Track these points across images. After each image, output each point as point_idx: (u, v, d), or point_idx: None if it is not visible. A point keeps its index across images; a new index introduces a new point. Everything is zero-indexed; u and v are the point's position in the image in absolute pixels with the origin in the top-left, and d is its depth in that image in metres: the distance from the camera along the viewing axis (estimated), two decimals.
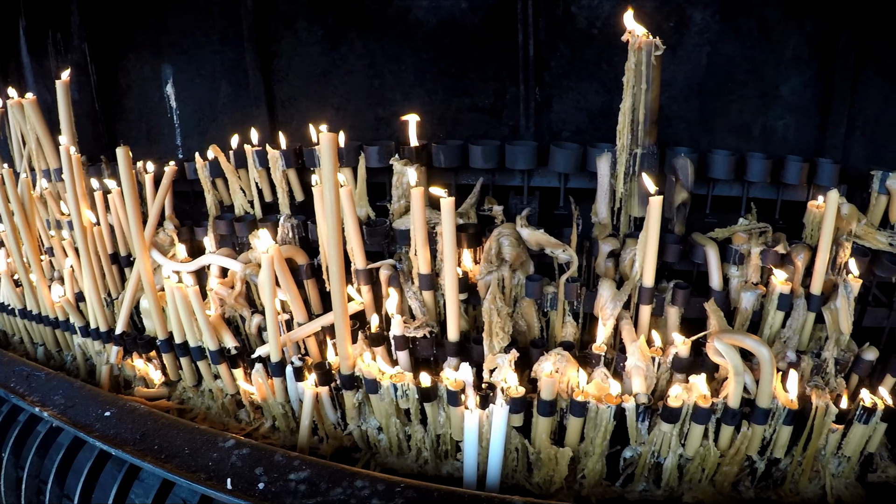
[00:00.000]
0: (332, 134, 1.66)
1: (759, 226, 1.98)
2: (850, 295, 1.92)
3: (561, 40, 2.27)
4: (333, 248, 1.77)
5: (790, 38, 2.27)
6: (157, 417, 2.05)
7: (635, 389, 1.86)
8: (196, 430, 1.98)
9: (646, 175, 1.89)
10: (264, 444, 1.91)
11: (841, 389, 1.95)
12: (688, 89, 2.23)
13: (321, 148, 1.66)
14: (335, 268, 1.80)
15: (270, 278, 1.94)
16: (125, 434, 1.98)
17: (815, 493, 2.00)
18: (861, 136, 2.40)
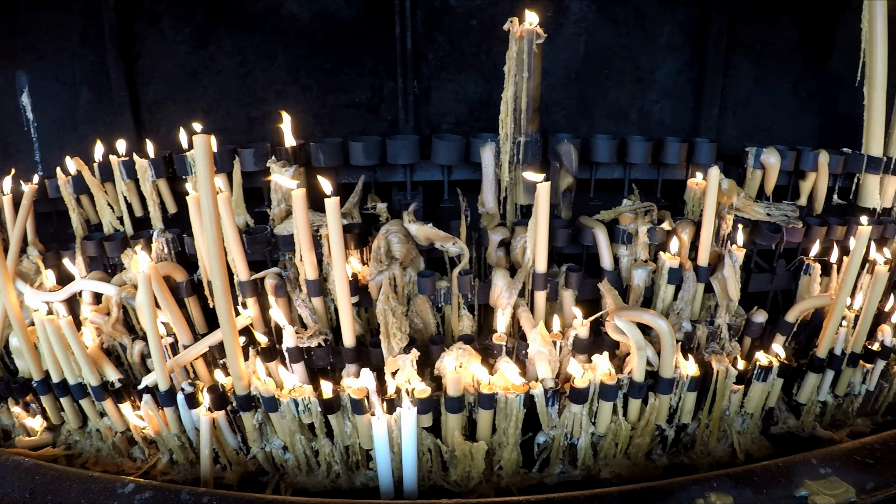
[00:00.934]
0: (206, 135, 1.53)
1: (644, 205, 2.05)
2: (735, 264, 2.04)
3: (439, 32, 2.27)
4: (215, 260, 1.65)
5: (664, 25, 2.37)
6: (45, 470, 1.86)
7: (541, 375, 1.89)
8: (91, 480, 1.82)
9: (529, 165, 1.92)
10: (166, 484, 1.80)
11: (737, 352, 2.08)
12: (566, 77, 2.29)
13: (195, 151, 1.53)
14: (219, 282, 1.68)
15: (149, 300, 1.79)
16: (13, 494, 1.78)
17: (725, 451, 2.12)
18: (733, 116, 2.55)
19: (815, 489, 1.72)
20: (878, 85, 2.32)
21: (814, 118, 2.71)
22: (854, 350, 2.12)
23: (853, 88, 2.35)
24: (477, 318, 2.08)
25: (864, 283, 2.23)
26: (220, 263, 1.66)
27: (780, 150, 2.22)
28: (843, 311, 2.02)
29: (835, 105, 2.70)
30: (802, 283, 2.22)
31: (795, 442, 2.17)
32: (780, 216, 2.13)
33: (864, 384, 2.24)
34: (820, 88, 2.66)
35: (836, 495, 1.72)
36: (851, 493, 1.73)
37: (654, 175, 2.23)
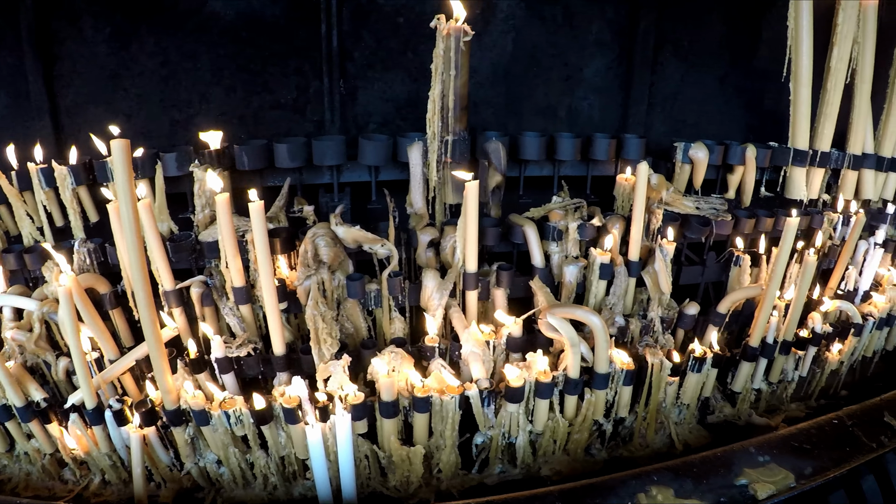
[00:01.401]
0: (124, 140, 1.47)
1: (574, 202, 2.06)
2: (666, 258, 2.06)
3: (365, 30, 2.24)
4: (137, 270, 1.58)
5: (592, 23, 2.39)
6: None
7: (475, 376, 1.87)
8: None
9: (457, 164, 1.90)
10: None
11: (671, 345, 2.10)
12: (494, 75, 2.29)
13: (113, 157, 1.47)
14: (141, 292, 1.61)
15: (71, 314, 1.71)
16: None
17: (663, 442, 2.14)
18: (661, 111, 2.59)
19: (755, 477, 1.75)
20: (803, 80, 2.38)
21: (741, 113, 2.76)
22: (786, 338, 2.16)
23: (779, 84, 2.39)
24: (409, 320, 2.05)
25: (793, 272, 2.28)
26: (141, 273, 1.60)
27: (707, 145, 2.26)
28: (774, 300, 2.05)
29: (761, 100, 2.75)
30: (733, 275, 2.26)
31: (732, 430, 2.21)
32: (709, 209, 2.17)
33: (796, 370, 2.29)
34: (747, 84, 2.71)
35: (775, 482, 1.75)
36: (790, 479, 1.77)
37: (584, 171, 2.24)
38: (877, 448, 1.97)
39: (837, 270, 2.44)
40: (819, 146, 2.50)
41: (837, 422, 2.02)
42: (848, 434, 1.99)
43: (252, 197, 1.69)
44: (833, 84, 2.47)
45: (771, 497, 1.70)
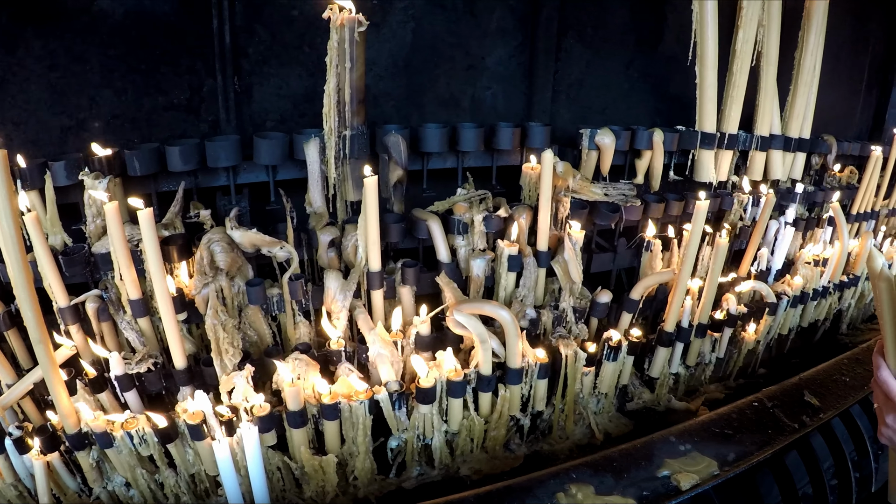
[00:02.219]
0: (1, 150, 1.37)
1: (478, 193, 2.01)
2: (575, 246, 2.03)
3: (259, 24, 2.14)
4: (22, 287, 1.49)
5: (494, 10, 2.34)
6: None
7: (384, 378, 1.81)
8: None
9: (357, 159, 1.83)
10: None
11: (585, 334, 2.08)
12: (394, 66, 2.22)
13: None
14: (29, 312, 1.51)
15: None
16: None
17: (583, 433, 2.11)
18: (566, 99, 2.56)
19: (677, 467, 1.72)
20: (709, 64, 2.38)
21: (648, 98, 2.76)
22: (701, 321, 2.16)
23: (686, 68, 2.39)
24: (315, 324, 1.97)
25: (706, 255, 2.27)
26: (27, 291, 1.50)
27: (614, 131, 2.25)
28: (687, 284, 2.03)
29: (668, 84, 2.76)
30: (645, 260, 2.25)
31: (652, 415, 2.20)
32: (618, 195, 2.14)
33: (713, 352, 2.31)
34: (653, 69, 2.72)
35: (698, 471, 1.72)
36: (714, 467, 1.75)
37: (489, 162, 2.19)
38: (799, 428, 1.97)
39: (749, 251, 2.46)
40: (726, 129, 2.52)
41: (758, 404, 2.02)
42: (769, 416, 1.99)
43: (139, 204, 1.60)
44: (739, 67, 2.48)
45: (695, 487, 1.67)
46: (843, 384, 2.19)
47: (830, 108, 3.60)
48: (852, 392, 2.15)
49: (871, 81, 3.89)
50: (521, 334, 1.85)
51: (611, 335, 1.97)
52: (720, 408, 2.02)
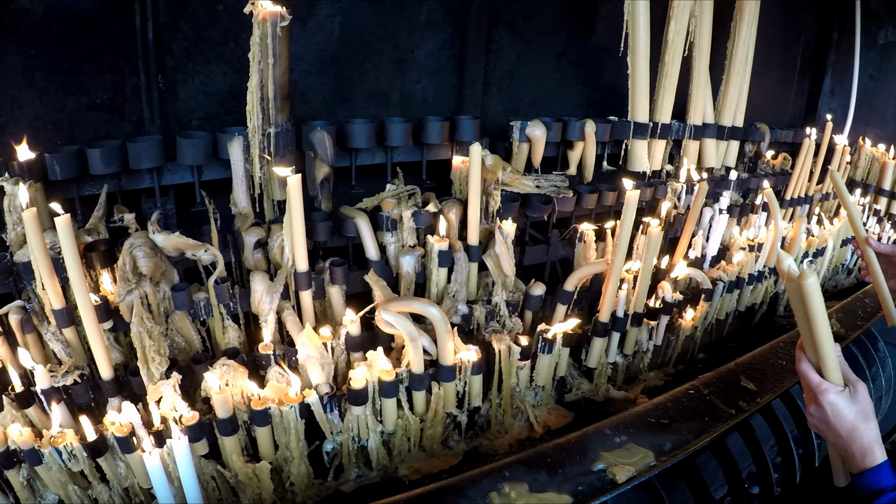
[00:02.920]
0: None
1: (407, 189, 1.99)
2: (506, 239, 2.01)
3: (183, 20, 2.08)
4: None
5: (423, 3, 2.31)
6: None
7: (314, 381, 1.78)
8: None
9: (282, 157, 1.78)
10: None
11: (519, 328, 2.06)
12: (321, 61, 2.17)
13: None
14: None
15: None
16: None
17: (522, 426, 2.10)
18: (498, 91, 2.55)
19: (612, 460, 1.70)
20: (640, 54, 2.39)
21: (581, 89, 2.76)
22: (636, 310, 2.17)
23: (618, 59, 2.40)
24: (245, 327, 1.92)
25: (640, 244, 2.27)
26: None
27: (545, 122, 2.24)
28: (620, 273, 2.03)
29: (601, 75, 2.77)
30: (578, 251, 2.25)
31: (591, 406, 2.20)
32: (550, 187, 2.13)
33: (651, 340, 2.31)
34: (586, 60, 2.72)
35: (634, 462, 1.70)
36: (650, 458, 1.74)
37: (419, 157, 2.17)
38: (736, 414, 1.98)
39: (684, 238, 2.47)
40: (659, 118, 2.53)
41: (694, 392, 2.02)
42: (706, 403, 1.99)
43: (59, 209, 1.54)
44: (671, 57, 2.50)
45: (631, 479, 1.65)
46: (780, 367, 2.22)
47: (764, 97, 3.66)
48: (789, 375, 2.18)
49: (803, 70, 3.97)
50: (453, 331, 1.83)
51: (545, 328, 1.95)
52: (658, 395, 2.02)
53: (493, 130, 2.37)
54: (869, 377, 3.00)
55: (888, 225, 3.83)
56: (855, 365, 2.96)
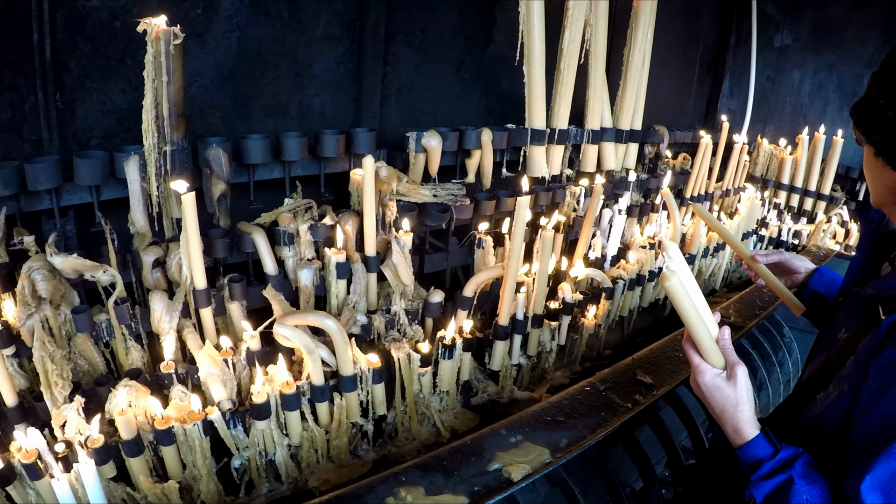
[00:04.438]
0: None
1: (302, 203, 2.04)
2: (403, 249, 2.09)
3: (81, 37, 2.07)
4: None
5: (320, 17, 2.36)
6: None
7: (216, 397, 1.81)
8: None
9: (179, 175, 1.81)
10: None
11: (420, 335, 2.13)
12: (219, 77, 2.20)
13: None
14: None
15: None
16: None
17: (430, 432, 2.16)
18: (396, 103, 2.63)
19: (508, 459, 1.75)
20: (536, 63, 2.49)
21: (479, 98, 2.87)
22: (536, 312, 2.26)
23: (515, 67, 2.49)
24: (148, 347, 1.94)
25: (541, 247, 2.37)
26: None
27: (441, 132, 2.33)
28: (516, 277, 2.11)
29: (499, 84, 2.88)
30: (478, 257, 2.35)
31: (497, 408, 2.28)
32: (447, 196, 2.22)
33: (554, 340, 2.40)
34: (483, 69, 2.82)
35: (529, 461, 1.75)
36: (546, 455, 1.79)
37: (318, 170, 2.22)
38: (632, 407, 2.06)
39: (582, 240, 2.60)
40: (556, 124, 2.65)
41: (590, 388, 2.10)
42: (602, 398, 2.07)
43: None
44: (566, 65, 2.62)
45: (527, 476, 1.71)
46: (677, 359, 2.34)
47: (665, 100, 3.86)
48: (686, 367, 2.28)
49: (703, 73, 4.19)
50: (350, 341, 1.89)
51: (443, 334, 2.03)
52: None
53: (391, 142, 2.44)
54: (776, 362, 3.20)
55: (788, 216, 4.07)
56: (761, 351, 3.15)
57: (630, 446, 2.28)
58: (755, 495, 1.28)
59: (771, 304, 3.03)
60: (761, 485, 1.27)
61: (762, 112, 4.48)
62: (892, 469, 1.08)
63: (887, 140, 1.16)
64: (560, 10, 2.57)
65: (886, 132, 1.15)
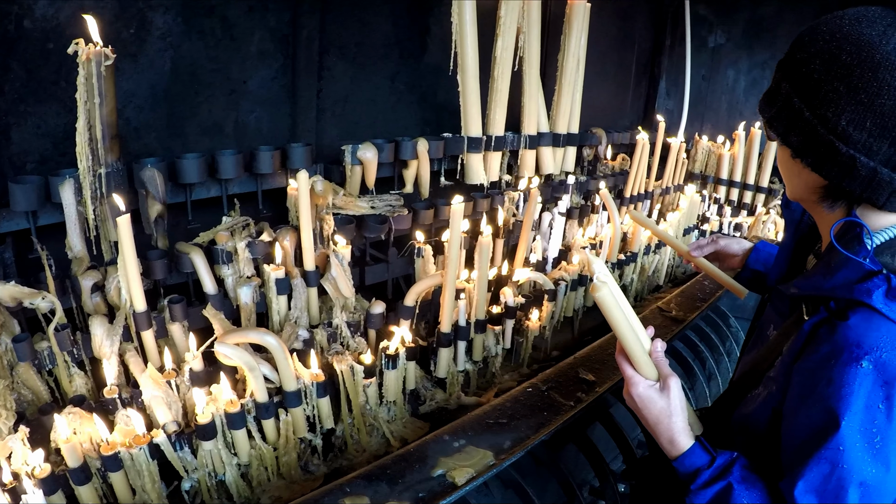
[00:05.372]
0: None
1: (238, 220, 2.07)
2: (342, 262, 2.13)
3: (15, 60, 2.07)
4: None
5: (254, 33, 2.40)
6: None
7: (161, 420, 1.82)
8: None
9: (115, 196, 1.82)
10: None
11: (363, 347, 2.17)
12: (154, 97, 2.22)
13: None
14: None
15: None
16: None
17: (380, 443, 2.20)
18: (332, 116, 2.68)
19: (452, 464, 1.81)
20: (470, 71, 2.56)
21: (415, 109, 2.93)
22: (478, 317, 2.32)
23: (450, 77, 2.56)
24: (92, 373, 1.95)
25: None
26: None
27: (377, 144, 2.38)
28: (458, 283, 2.18)
29: (435, 94, 2.95)
30: (418, 266, 2.40)
31: (445, 414, 2.33)
32: (385, 207, 2.28)
33: (499, 345, 2.46)
34: (419, 79, 2.89)
35: (473, 464, 1.81)
36: (489, 457, 1.85)
37: (255, 187, 2.25)
38: (575, 405, 2.13)
39: (521, 243, 2.68)
40: (493, 131, 2.73)
41: (532, 389, 2.18)
42: (544, 398, 2.15)
43: None
44: (500, 72, 2.69)
45: (471, 480, 1.76)
46: None
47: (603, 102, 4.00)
48: None
49: (639, 75, 4.34)
50: (292, 356, 1.93)
51: (386, 345, 2.09)
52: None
53: (329, 155, 2.49)
54: (724, 352, 3.33)
55: (728, 210, 4.23)
56: (708, 342, 3.27)
57: (583, 444, 2.35)
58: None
59: (712, 295, 3.16)
60: (701, 493, 1.28)
61: (699, 110, 4.65)
62: (822, 473, 1.13)
63: (806, 143, 1.18)
64: (494, 18, 2.65)
65: (804, 134, 1.17)
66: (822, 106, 1.13)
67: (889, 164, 1.13)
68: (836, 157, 1.14)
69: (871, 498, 1.13)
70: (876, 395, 1.12)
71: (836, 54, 1.12)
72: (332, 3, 2.52)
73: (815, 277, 1.27)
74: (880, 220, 1.23)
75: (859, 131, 1.11)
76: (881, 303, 1.14)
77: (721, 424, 1.51)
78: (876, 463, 1.12)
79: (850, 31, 1.12)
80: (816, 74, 1.14)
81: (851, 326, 1.16)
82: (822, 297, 1.24)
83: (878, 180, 1.14)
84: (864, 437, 1.12)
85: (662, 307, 2.90)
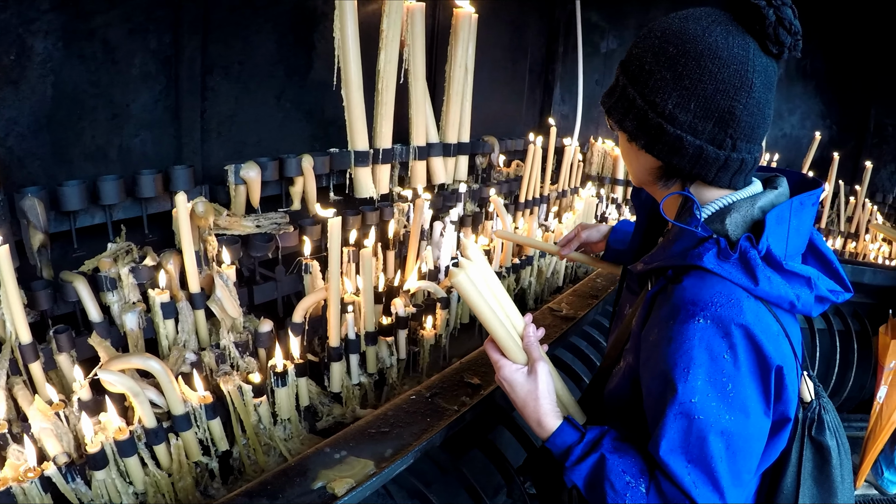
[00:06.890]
0: None
1: (121, 246, 2.12)
2: (227, 283, 2.22)
3: None
4: None
5: (135, 56, 2.42)
6: None
7: (51, 452, 1.86)
8: None
9: None
10: None
11: (254, 367, 2.25)
12: (36, 124, 2.22)
13: None
14: None
15: None
16: None
17: (278, 461, 2.26)
18: (218, 136, 2.74)
19: (332, 476, 1.86)
20: (353, 86, 2.67)
21: (303, 125, 3.03)
22: (368, 329, 2.44)
23: (335, 92, 2.66)
24: None
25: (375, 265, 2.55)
26: None
27: (261, 162, 2.46)
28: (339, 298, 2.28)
29: (322, 110, 3.04)
30: (307, 282, 2.50)
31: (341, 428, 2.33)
32: (271, 225, 2.37)
33: (393, 356, 2.58)
34: (305, 97, 2.98)
35: (353, 474, 1.87)
36: (370, 466, 1.92)
37: (140, 212, 2.29)
38: (458, 409, 2.23)
39: (411, 253, 2.81)
40: (380, 144, 2.85)
41: (416, 396, 2.27)
42: (428, 405, 2.23)
43: None
44: (385, 85, 2.81)
45: (350, 490, 1.82)
46: None
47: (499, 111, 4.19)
48: None
49: (533, 83, 4.56)
50: (178, 380, 2.01)
51: (274, 363, 2.18)
52: None
53: (216, 176, 2.53)
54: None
55: (626, 209, 4.49)
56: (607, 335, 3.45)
57: (486, 449, 2.46)
58: (574, 481, 1.38)
59: (605, 291, 3.35)
60: (577, 469, 1.38)
61: (594, 114, 4.89)
62: (681, 428, 1.26)
63: (639, 127, 1.36)
64: (378, 32, 2.77)
65: (637, 119, 1.36)
66: (652, 93, 1.33)
67: (714, 143, 1.32)
68: (664, 137, 1.34)
69: (738, 445, 1.25)
70: (720, 346, 1.25)
71: (664, 48, 1.32)
72: (214, 23, 2.59)
73: (657, 252, 1.43)
74: (712, 194, 1.41)
75: (684, 113, 1.30)
76: (713, 263, 1.29)
77: (596, 404, 1.65)
78: (733, 410, 1.25)
79: (678, 27, 1.32)
80: (647, 66, 1.34)
81: (686, 287, 1.31)
82: (663, 269, 1.41)
83: (705, 157, 1.33)
84: (715, 387, 1.25)
85: (553, 307, 3.06)
